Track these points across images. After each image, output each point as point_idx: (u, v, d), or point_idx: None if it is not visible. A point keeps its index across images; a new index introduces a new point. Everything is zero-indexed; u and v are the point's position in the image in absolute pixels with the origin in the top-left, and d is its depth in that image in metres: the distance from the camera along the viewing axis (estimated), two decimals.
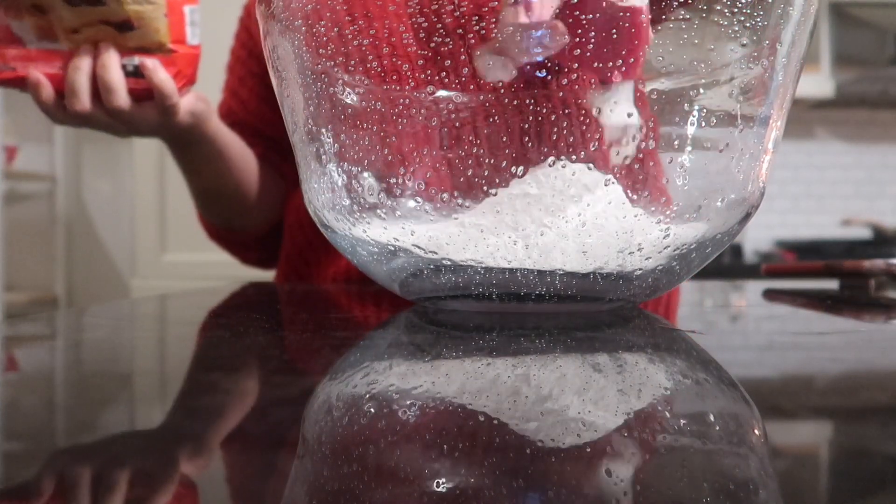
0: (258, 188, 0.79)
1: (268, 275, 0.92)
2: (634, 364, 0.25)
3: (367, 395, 0.21)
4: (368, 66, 0.34)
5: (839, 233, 2.33)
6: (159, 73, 0.58)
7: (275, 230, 0.85)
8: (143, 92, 0.59)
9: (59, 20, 0.57)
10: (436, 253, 0.32)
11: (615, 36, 0.30)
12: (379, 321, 0.40)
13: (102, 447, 0.16)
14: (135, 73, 0.58)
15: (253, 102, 0.81)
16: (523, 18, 0.30)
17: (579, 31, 0.30)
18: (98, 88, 0.57)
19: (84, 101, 0.57)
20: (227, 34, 0.88)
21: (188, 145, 0.69)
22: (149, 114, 0.60)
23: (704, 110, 0.32)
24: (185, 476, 0.15)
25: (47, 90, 0.57)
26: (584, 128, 0.31)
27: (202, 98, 0.66)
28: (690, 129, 0.32)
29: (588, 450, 0.16)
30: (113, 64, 0.57)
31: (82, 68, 0.57)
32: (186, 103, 0.62)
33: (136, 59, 0.58)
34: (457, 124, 0.32)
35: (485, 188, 0.31)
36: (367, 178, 0.33)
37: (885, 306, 0.44)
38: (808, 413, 0.20)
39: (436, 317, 0.36)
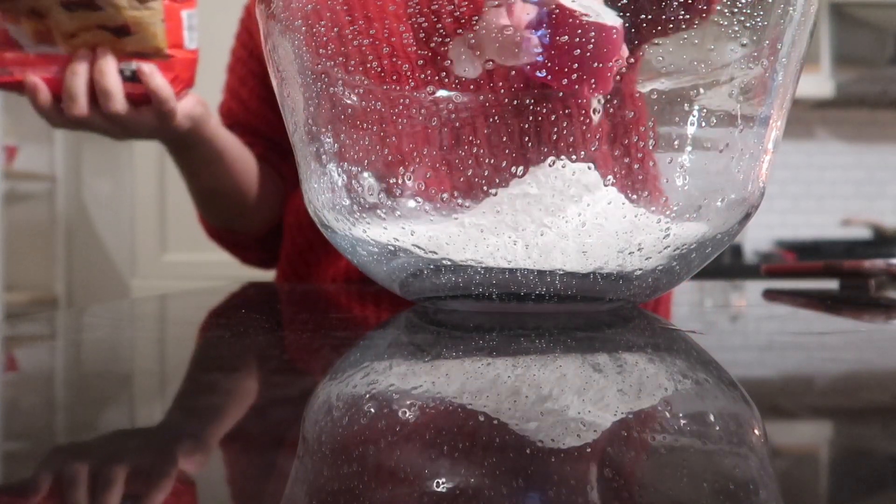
0: (258, 189, 0.79)
1: (268, 275, 0.92)
2: (634, 364, 0.25)
3: (367, 395, 0.21)
4: (368, 66, 0.34)
5: (839, 233, 2.33)
6: (156, 79, 0.58)
7: (275, 231, 0.85)
8: (141, 97, 0.59)
9: (57, 25, 0.57)
10: (436, 253, 0.32)
11: (588, 50, 0.31)
12: (379, 321, 0.40)
13: (102, 447, 0.16)
14: (132, 78, 0.58)
15: (253, 103, 0.81)
16: (504, 20, 0.31)
17: (551, 43, 0.30)
18: (95, 93, 0.58)
19: (82, 105, 0.57)
20: (226, 35, 0.88)
21: (186, 148, 0.69)
22: (146, 118, 0.60)
23: (704, 110, 0.32)
24: (186, 476, 0.15)
25: (44, 94, 0.58)
26: (584, 128, 0.31)
27: (200, 101, 0.66)
28: (690, 129, 0.32)
29: (588, 450, 0.16)
30: (110, 69, 0.57)
31: (80, 73, 0.57)
32: (184, 107, 0.62)
33: (134, 65, 0.58)
34: (457, 124, 0.32)
35: (485, 188, 0.31)
36: (367, 178, 0.33)
37: (885, 306, 0.44)
38: (808, 413, 0.20)
39: (436, 317, 0.36)
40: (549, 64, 0.31)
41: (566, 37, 0.30)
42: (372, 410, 0.19)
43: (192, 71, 0.61)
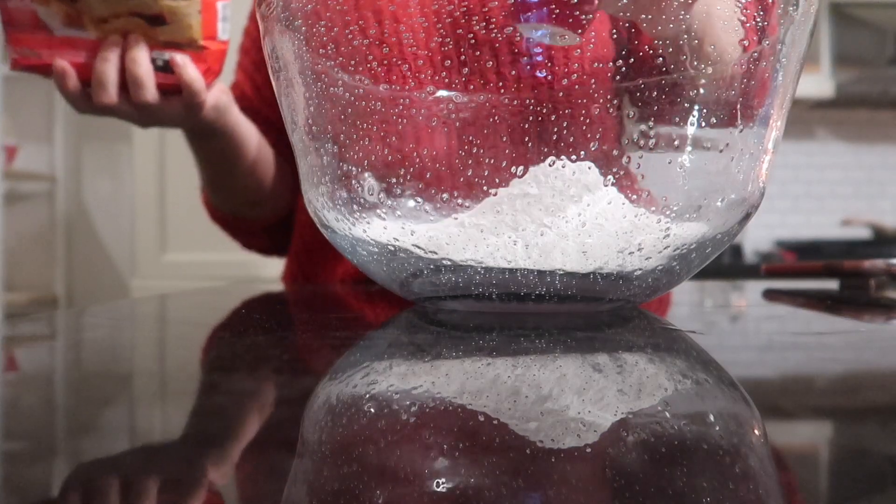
0: (271, 180, 0.78)
1: (266, 273, 0.91)
2: (634, 364, 0.25)
3: (367, 395, 0.21)
4: (368, 65, 0.34)
5: (839, 233, 2.33)
6: (189, 71, 0.57)
7: (282, 220, 0.84)
8: (171, 87, 0.58)
9: (88, 9, 0.55)
10: (436, 253, 0.32)
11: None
12: (379, 321, 0.40)
13: (102, 447, 0.16)
14: (164, 68, 0.57)
15: (268, 90, 0.79)
16: None
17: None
18: (124, 80, 0.57)
19: (111, 93, 0.56)
20: (240, 15, 0.86)
21: (207, 137, 0.68)
22: (174, 108, 0.59)
23: (704, 110, 0.32)
24: (185, 476, 0.15)
25: (73, 80, 0.56)
26: (584, 128, 0.31)
27: (224, 90, 0.65)
28: (690, 129, 0.32)
29: (588, 450, 0.16)
30: (143, 58, 0.56)
31: (111, 60, 0.56)
32: (211, 97, 0.62)
33: (167, 55, 0.57)
34: (457, 124, 0.32)
35: (485, 188, 0.31)
36: (367, 178, 0.33)
37: (885, 306, 0.44)
38: (808, 413, 0.20)
39: (436, 317, 0.36)
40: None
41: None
42: (372, 410, 0.19)
43: (223, 62, 0.60)
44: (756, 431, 0.18)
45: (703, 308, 0.48)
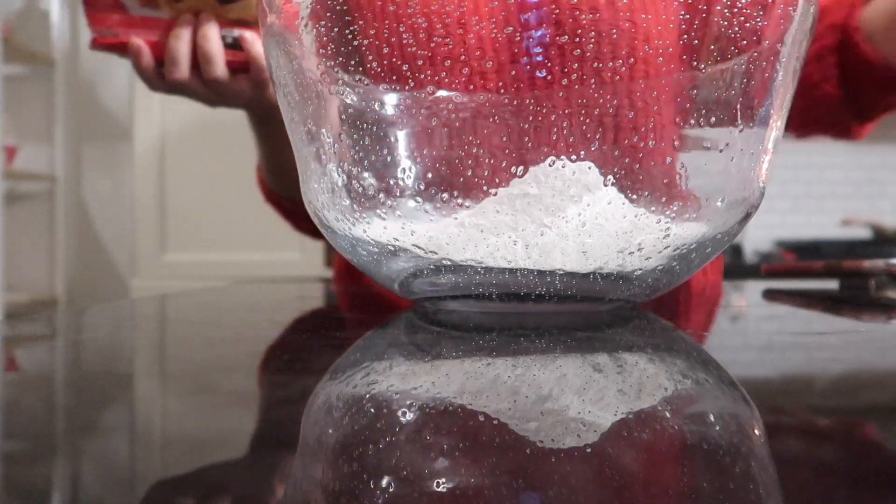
0: None
1: (266, 273, 0.91)
2: (634, 364, 0.25)
3: (367, 395, 0.21)
4: (369, 66, 0.34)
5: (839, 233, 2.33)
6: (258, 46, 0.60)
7: None
8: (239, 64, 0.60)
9: None
10: (436, 253, 0.32)
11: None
12: (379, 321, 0.40)
13: (102, 447, 0.16)
14: (233, 45, 0.60)
15: None
16: None
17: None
18: (196, 58, 0.59)
19: (183, 69, 0.59)
20: None
21: (270, 119, 0.70)
22: (242, 86, 0.62)
23: (704, 110, 0.32)
24: (185, 476, 0.15)
25: (147, 58, 0.59)
26: (584, 128, 0.31)
27: None
28: (690, 129, 0.32)
29: (588, 450, 0.16)
30: (214, 35, 0.59)
31: (183, 37, 0.58)
32: None
33: (236, 32, 0.60)
34: (457, 124, 0.32)
35: (485, 188, 0.31)
36: (367, 178, 0.33)
37: (885, 306, 0.44)
38: (808, 413, 0.20)
39: (436, 317, 0.36)
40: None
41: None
42: (372, 410, 0.19)
43: None
44: (756, 431, 0.18)
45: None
